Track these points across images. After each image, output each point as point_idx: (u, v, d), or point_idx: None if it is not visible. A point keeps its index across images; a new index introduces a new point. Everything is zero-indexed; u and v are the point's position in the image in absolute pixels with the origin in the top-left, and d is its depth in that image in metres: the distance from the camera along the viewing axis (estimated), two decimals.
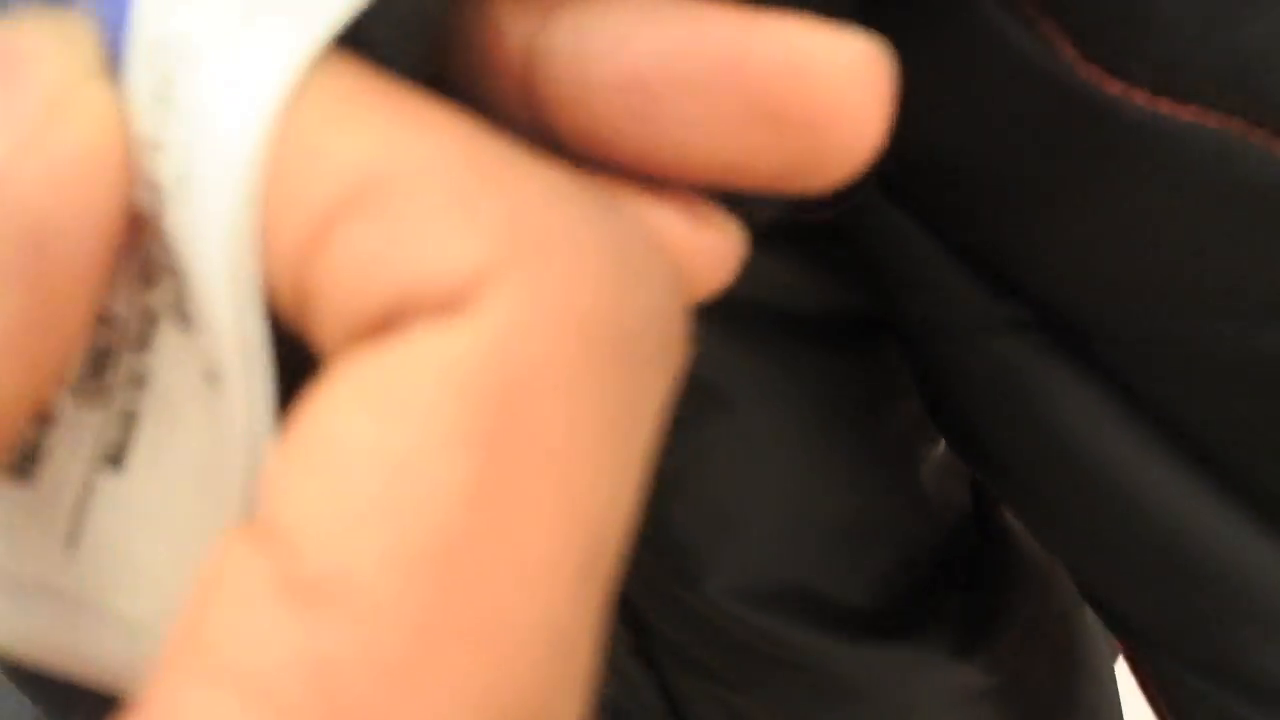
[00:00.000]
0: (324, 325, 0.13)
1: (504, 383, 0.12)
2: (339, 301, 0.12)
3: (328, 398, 0.12)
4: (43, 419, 0.16)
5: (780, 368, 0.36)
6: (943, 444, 0.38)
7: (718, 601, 0.33)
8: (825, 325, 0.36)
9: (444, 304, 0.12)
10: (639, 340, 0.13)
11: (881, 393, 0.38)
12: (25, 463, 0.16)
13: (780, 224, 0.35)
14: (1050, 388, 0.25)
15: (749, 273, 0.37)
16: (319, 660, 0.11)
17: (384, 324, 0.12)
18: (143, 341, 0.16)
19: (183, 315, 0.15)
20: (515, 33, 0.15)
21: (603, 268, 0.12)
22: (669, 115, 0.14)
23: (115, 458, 0.16)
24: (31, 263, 0.12)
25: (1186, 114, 0.21)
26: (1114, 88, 0.21)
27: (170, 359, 0.16)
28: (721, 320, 0.34)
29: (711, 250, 0.15)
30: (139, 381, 0.16)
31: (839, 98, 0.14)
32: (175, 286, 0.15)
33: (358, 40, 0.14)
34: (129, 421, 0.16)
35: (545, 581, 0.12)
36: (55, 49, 0.13)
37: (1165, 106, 0.21)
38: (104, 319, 0.16)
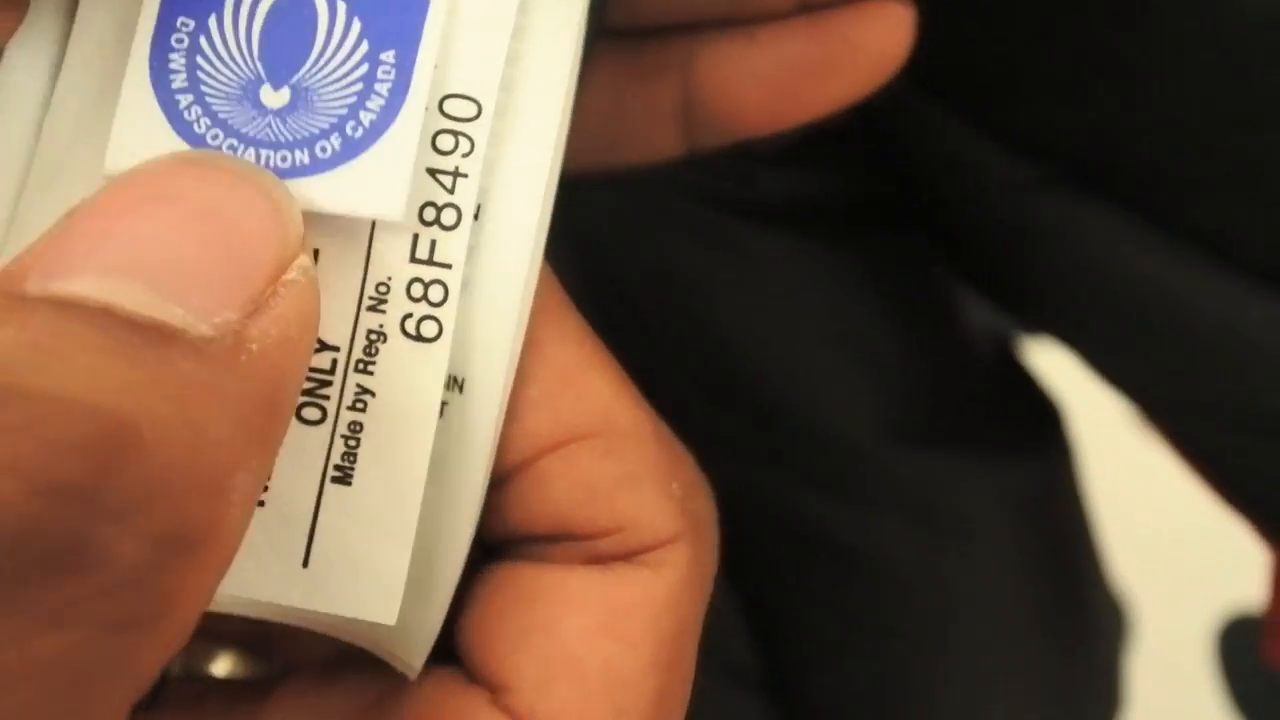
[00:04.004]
0: (528, 499, 0.18)
1: (677, 623, 0.17)
2: (557, 495, 0.18)
3: (565, 614, 0.17)
4: None
5: (828, 257, 0.39)
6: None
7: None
8: (858, 214, 0.40)
9: (646, 548, 0.17)
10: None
11: (921, 262, 0.41)
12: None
13: (807, 136, 0.39)
14: (1085, 228, 0.29)
15: (784, 181, 0.41)
16: None
17: (587, 532, 0.18)
18: (366, 360, 0.17)
19: (417, 333, 0.16)
20: (664, 80, 0.24)
21: (714, 547, 0.18)
22: (804, 87, 0.23)
23: (343, 471, 0.17)
24: (268, 423, 0.14)
25: None
26: None
27: (398, 372, 0.16)
28: (781, 224, 0.38)
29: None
30: (362, 396, 0.17)
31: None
32: (407, 307, 0.16)
33: None
34: (354, 436, 0.17)
35: None
36: (273, 230, 0.15)
37: None
38: (321, 346, 0.16)
